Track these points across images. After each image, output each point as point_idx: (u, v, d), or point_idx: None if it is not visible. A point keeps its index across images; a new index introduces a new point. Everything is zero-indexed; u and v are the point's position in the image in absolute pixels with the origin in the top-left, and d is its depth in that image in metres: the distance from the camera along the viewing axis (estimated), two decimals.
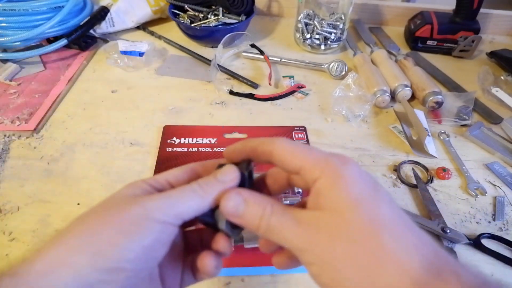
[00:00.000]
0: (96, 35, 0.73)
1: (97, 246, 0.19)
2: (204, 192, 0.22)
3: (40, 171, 0.48)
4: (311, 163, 0.21)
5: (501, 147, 0.54)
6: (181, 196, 0.22)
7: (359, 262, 0.18)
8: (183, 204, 0.22)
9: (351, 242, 0.18)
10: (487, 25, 0.80)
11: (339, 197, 0.20)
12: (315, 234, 0.19)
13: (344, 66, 0.67)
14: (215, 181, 0.23)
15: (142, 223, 0.20)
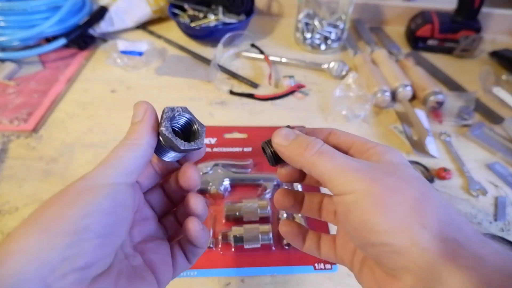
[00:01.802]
0: (96, 34, 0.73)
1: (43, 225, 0.18)
2: (134, 139, 0.22)
3: (39, 171, 0.47)
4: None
5: (503, 147, 0.54)
6: (117, 154, 0.22)
7: (408, 196, 0.19)
8: (122, 160, 0.22)
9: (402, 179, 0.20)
10: (488, 25, 0.80)
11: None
12: (367, 166, 0.20)
13: (344, 66, 0.67)
14: (135, 124, 0.23)
15: (87, 192, 0.20)
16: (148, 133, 0.23)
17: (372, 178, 0.19)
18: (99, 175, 0.21)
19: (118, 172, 0.21)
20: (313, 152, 0.22)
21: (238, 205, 0.43)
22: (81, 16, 0.70)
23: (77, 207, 0.19)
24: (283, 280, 0.38)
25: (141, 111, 0.24)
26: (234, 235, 0.40)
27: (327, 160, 0.21)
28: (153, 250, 0.25)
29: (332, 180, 0.20)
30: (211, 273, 0.38)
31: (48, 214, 0.19)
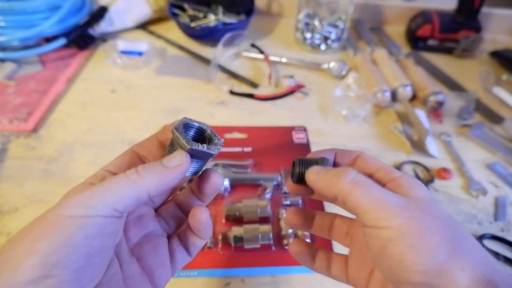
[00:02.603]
0: (95, 34, 0.73)
1: (13, 259, 0.17)
2: (138, 177, 0.20)
3: (38, 171, 0.47)
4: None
5: (503, 147, 0.54)
6: (109, 185, 0.20)
7: (446, 236, 0.19)
8: (110, 192, 0.19)
9: (438, 219, 0.20)
10: (488, 24, 0.80)
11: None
12: (404, 202, 0.20)
13: (344, 66, 0.67)
14: (157, 165, 0.21)
15: (59, 223, 0.18)
16: (160, 184, 0.21)
17: (410, 216, 0.19)
18: (72, 205, 0.19)
19: (97, 204, 0.19)
20: (348, 180, 0.21)
21: (238, 205, 0.43)
22: (81, 16, 0.70)
23: (46, 241, 0.18)
24: (283, 280, 0.38)
25: (177, 161, 0.21)
26: (234, 235, 0.40)
27: (363, 192, 0.21)
28: (150, 253, 0.24)
29: (367, 212, 0.20)
30: (211, 273, 0.38)
31: (18, 249, 0.18)
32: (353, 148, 0.26)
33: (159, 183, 0.21)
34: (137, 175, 0.20)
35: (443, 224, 0.20)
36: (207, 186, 0.25)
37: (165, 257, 0.25)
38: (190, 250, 0.26)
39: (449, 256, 0.19)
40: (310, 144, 0.54)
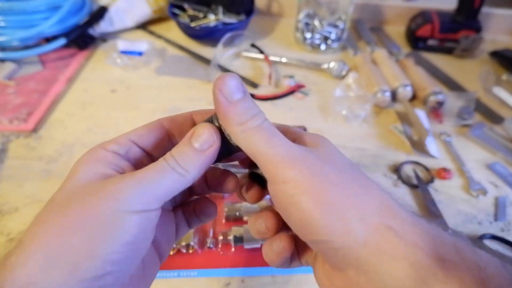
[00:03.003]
0: (95, 34, 0.73)
1: (71, 257, 0.17)
2: (184, 171, 0.19)
3: (38, 171, 0.47)
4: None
5: (503, 147, 0.54)
6: (158, 177, 0.19)
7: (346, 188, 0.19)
8: (162, 186, 0.19)
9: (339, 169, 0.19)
10: (488, 24, 0.80)
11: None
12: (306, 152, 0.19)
13: (344, 66, 0.67)
14: (193, 152, 0.20)
15: (118, 220, 0.18)
16: (202, 169, 0.20)
17: (307, 166, 0.19)
18: (131, 199, 0.18)
19: (152, 199, 0.19)
20: (255, 124, 0.19)
21: (238, 205, 0.43)
22: (81, 16, 0.70)
23: (105, 242, 0.17)
24: (283, 280, 0.38)
25: (207, 140, 0.20)
26: (234, 235, 0.40)
27: (265, 138, 0.19)
28: (160, 229, 0.23)
29: (266, 162, 0.19)
30: (211, 273, 0.38)
31: (76, 246, 0.17)
32: (353, 148, 0.26)
33: (201, 171, 0.20)
34: (182, 168, 0.19)
35: (343, 172, 0.19)
36: (223, 188, 0.25)
37: (172, 232, 0.25)
38: (190, 223, 0.27)
39: (348, 208, 0.18)
40: None
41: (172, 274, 0.38)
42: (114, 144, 0.21)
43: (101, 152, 0.21)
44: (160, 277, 0.37)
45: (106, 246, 0.17)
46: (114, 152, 0.21)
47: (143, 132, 0.22)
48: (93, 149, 0.21)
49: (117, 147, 0.21)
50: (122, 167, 0.21)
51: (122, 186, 0.18)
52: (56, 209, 0.18)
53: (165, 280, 0.37)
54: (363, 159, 0.52)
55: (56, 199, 0.19)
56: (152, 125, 0.23)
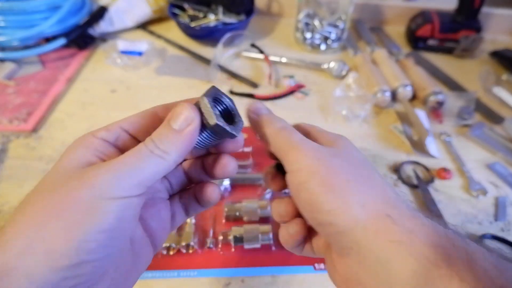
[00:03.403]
0: (95, 34, 0.73)
1: (48, 243, 0.17)
2: (164, 153, 0.19)
3: (38, 171, 0.47)
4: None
5: (503, 147, 0.54)
6: (138, 162, 0.19)
7: (351, 176, 0.21)
8: (142, 171, 0.19)
9: (347, 161, 0.22)
10: (489, 24, 0.80)
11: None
12: (319, 147, 0.22)
13: (344, 66, 0.67)
14: (172, 133, 0.20)
15: (95, 207, 0.17)
16: (183, 151, 0.20)
17: (318, 158, 0.21)
18: (110, 185, 0.18)
19: (131, 184, 0.18)
20: (278, 126, 0.23)
21: (238, 205, 0.43)
22: (81, 16, 0.70)
23: (83, 229, 0.17)
24: (283, 280, 0.38)
25: (185, 119, 0.20)
26: (234, 235, 0.40)
27: (285, 136, 0.22)
28: (155, 217, 0.24)
29: (285, 155, 0.22)
30: (211, 273, 0.38)
31: (53, 233, 0.17)
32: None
33: (182, 153, 0.20)
34: (161, 151, 0.19)
35: (351, 165, 0.22)
36: (220, 171, 0.25)
37: (167, 221, 0.25)
38: (189, 211, 0.27)
39: (351, 194, 0.20)
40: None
41: (172, 274, 0.38)
42: (103, 131, 0.22)
43: (90, 139, 0.21)
44: (160, 277, 0.37)
45: (81, 233, 0.17)
46: (103, 139, 0.21)
47: (135, 119, 0.23)
48: (83, 136, 0.21)
49: (106, 134, 0.21)
50: (108, 155, 0.21)
51: (100, 172, 0.18)
52: (38, 194, 0.19)
53: (165, 280, 0.37)
54: None
55: (41, 184, 0.20)
56: (145, 112, 0.23)
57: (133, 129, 0.22)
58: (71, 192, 0.18)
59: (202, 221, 0.43)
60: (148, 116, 0.23)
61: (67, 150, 0.21)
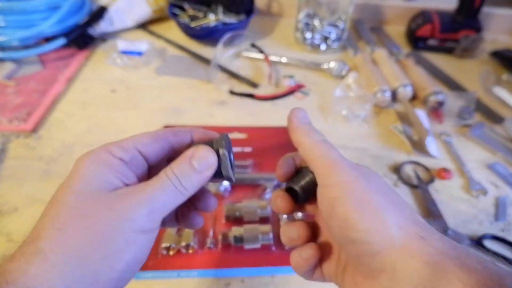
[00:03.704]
0: (95, 34, 0.73)
1: (93, 274, 0.18)
2: (184, 189, 0.22)
3: (38, 171, 0.47)
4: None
5: (503, 147, 0.54)
6: (164, 196, 0.21)
7: (386, 198, 0.21)
8: (166, 204, 0.21)
9: (378, 183, 0.22)
10: (489, 24, 0.80)
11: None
12: (354, 165, 0.23)
13: (344, 66, 0.67)
14: (194, 173, 0.22)
15: (133, 239, 0.20)
16: (197, 188, 0.23)
17: (355, 175, 0.21)
18: (142, 220, 0.20)
19: (159, 217, 0.21)
20: (319, 138, 0.24)
21: (238, 205, 0.43)
22: (80, 16, 0.70)
23: (124, 261, 0.19)
24: (283, 280, 0.38)
25: (208, 164, 0.23)
26: (234, 235, 0.40)
27: (324, 150, 0.23)
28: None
29: (321, 168, 0.22)
30: (211, 273, 0.38)
31: (96, 265, 0.18)
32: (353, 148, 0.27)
33: (196, 190, 0.23)
34: (183, 187, 0.22)
35: (383, 187, 0.22)
36: (203, 206, 0.27)
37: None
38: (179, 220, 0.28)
39: (389, 215, 0.20)
40: None
41: (172, 274, 0.38)
42: (121, 151, 0.22)
43: (109, 158, 0.22)
44: (160, 277, 0.37)
45: (123, 265, 0.19)
46: (121, 159, 0.22)
47: (148, 141, 0.24)
48: (100, 152, 0.22)
49: (124, 154, 0.22)
50: (128, 177, 0.22)
51: (135, 205, 0.20)
52: (73, 216, 0.19)
53: (165, 280, 0.37)
54: (363, 159, 0.51)
55: (69, 201, 0.20)
56: (158, 135, 0.24)
57: (145, 151, 0.24)
58: (110, 223, 0.19)
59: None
60: (160, 140, 0.24)
61: (85, 166, 0.21)
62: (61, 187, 0.21)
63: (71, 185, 0.21)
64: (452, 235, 0.41)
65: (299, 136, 0.24)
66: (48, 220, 0.19)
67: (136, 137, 0.24)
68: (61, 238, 0.18)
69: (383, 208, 0.20)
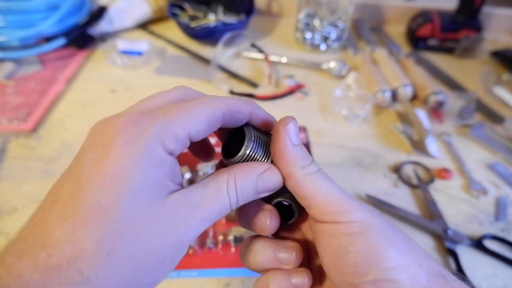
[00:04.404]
0: (95, 34, 0.72)
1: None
2: (236, 205, 0.20)
3: (38, 171, 0.47)
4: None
5: (504, 147, 0.53)
6: (216, 210, 0.19)
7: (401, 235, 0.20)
8: (215, 218, 0.20)
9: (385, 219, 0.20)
10: (489, 24, 0.80)
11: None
12: (359, 201, 0.21)
13: (344, 66, 0.67)
14: (254, 193, 0.20)
15: (180, 252, 0.19)
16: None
17: (369, 211, 0.20)
18: (193, 234, 0.18)
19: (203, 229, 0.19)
20: (314, 170, 0.21)
21: None
22: (80, 16, 0.70)
23: (166, 271, 0.18)
24: None
25: (271, 188, 0.21)
26: (234, 235, 0.39)
27: (326, 183, 0.20)
28: None
29: (325, 206, 0.20)
30: (211, 273, 0.38)
31: (142, 283, 0.17)
32: (353, 148, 0.26)
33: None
34: (237, 204, 0.20)
35: (390, 223, 0.20)
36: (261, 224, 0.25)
37: None
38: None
39: (408, 253, 0.19)
40: (310, 144, 0.53)
41: (172, 274, 0.38)
42: (174, 143, 0.18)
43: (162, 155, 0.17)
44: None
45: (163, 277, 0.18)
46: (172, 154, 0.18)
47: (204, 128, 0.19)
48: (151, 144, 0.17)
49: (177, 147, 0.18)
50: (176, 175, 0.19)
51: (189, 227, 0.18)
52: (123, 236, 0.16)
53: (165, 280, 0.37)
54: (363, 159, 0.51)
55: (118, 216, 0.16)
56: (215, 119, 0.19)
57: (196, 137, 0.19)
58: (163, 248, 0.17)
59: None
60: (216, 126, 0.20)
61: (134, 164, 0.16)
62: (103, 187, 0.16)
63: (118, 191, 0.16)
64: (452, 235, 0.41)
65: (289, 166, 0.20)
66: (92, 236, 0.15)
67: (191, 120, 0.18)
68: (108, 267, 0.16)
69: (403, 245, 0.19)
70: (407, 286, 0.18)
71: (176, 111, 0.18)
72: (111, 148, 0.17)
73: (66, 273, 0.15)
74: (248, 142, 0.21)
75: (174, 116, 0.18)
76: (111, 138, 0.17)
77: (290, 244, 0.23)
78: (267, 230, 0.22)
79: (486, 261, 0.40)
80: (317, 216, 0.20)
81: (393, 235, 0.19)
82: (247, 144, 0.21)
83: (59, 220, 0.16)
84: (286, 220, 0.24)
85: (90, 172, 0.16)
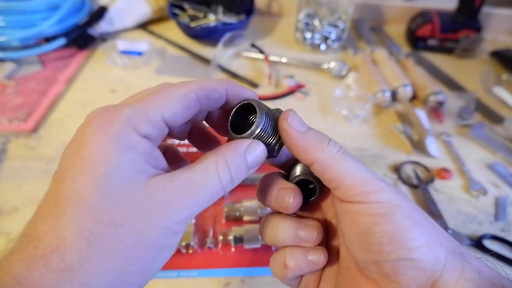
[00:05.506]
0: (95, 34, 0.72)
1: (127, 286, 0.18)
2: (231, 186, 0.19)
3: (38, 171, 0.47)
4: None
5: (503, 147, 0.54)
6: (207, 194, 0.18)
7: (424, 215, 0.20)
8: (206, 203, 0.19)
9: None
10: (489, 24, 0.80)
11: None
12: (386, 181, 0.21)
13: (344, 66, 0.67)
14: (246, 169, 0.20)
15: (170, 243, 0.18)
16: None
17: (394, 191, 0.20)
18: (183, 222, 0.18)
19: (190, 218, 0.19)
20: (336, 150, 0.21)
21: (238, 205, 0.43)
22: (80, 16, 0.70)
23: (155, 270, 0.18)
24: None
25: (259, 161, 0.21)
26: (234, 235, 0.40)
27: (352, 163, 0.20)
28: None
29: (353, 186, 0.20)
30: (211, 273, 0.38)
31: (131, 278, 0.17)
32: (353, 148, 0.27)
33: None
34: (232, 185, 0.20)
35: (412, 201, 0.21)
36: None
37: None
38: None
39: (431, 232, 0.19)
40: None
41: (172, 274, 0.38)
42: (147, 126, 0.18)
43: (135, 138, 0.17)
44: (160, 277, 0.37)
45: (154, 270, 0.18)
46: (146, 136, 0.18)
47: (178, 109, 0.19)
48: (121, 127, 0.17)
49: (151, 130, 0.18)
50: (154, 157, 0.18)
51: (174, 211, 0.17)
52: (102, 223, 0.16)
53: (165, 280, 0.37)
54: (363, 159, 0.51)
55: (96, 202, 0.16)
56: (189, 100, 0.20)
57: (172, 121, 0.19)
58: (145, 233, 0.17)
59: (202, 221, 0.42)
60: (192, 107, 0.20)
61: (108, 151, 0.16)
62: (78, 176, 0.16)
63: (93, 177, 0.16)
64: (452, 235, 0.41)
65: (308, 154, 0.20)
66: (71, 224, 0.16)
67: (163, 102, 0.19)
68: (90, 253, 0.16)
69: (425, 225, 0.19)
70: (428, 265, 0.18)
71: (147, 96, 0.19)
72: (84, 138, 0.17)
73: (50, 262, 0.15)
74: (260, 117, 0.21)
75: (145, 100, 0.18)
76: (84, 130, 0.17)
77: (311, 223, 0.23)
78: (290, 208, 0.22)
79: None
80: (344, 197, 0.20)
81: (417, 215, 0.20)
82: (259, 116, 0.21)
83: (44, 215, 0.17)
84: (307, 198, 0.24)
85: (67, 164, 0.17)
